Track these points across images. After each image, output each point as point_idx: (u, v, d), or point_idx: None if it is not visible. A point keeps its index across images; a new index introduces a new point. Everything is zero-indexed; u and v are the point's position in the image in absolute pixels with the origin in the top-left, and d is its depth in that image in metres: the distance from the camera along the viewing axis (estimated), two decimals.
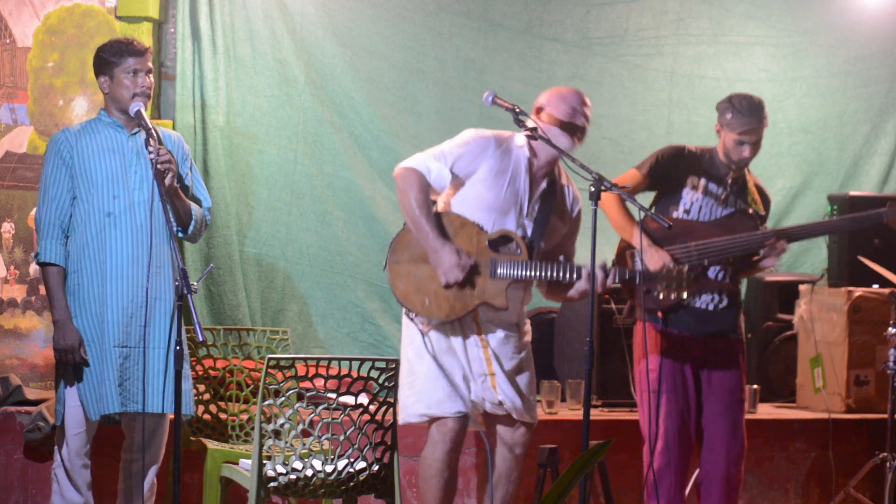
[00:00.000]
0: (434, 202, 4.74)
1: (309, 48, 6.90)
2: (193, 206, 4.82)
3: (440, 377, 4.61)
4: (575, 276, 4.67)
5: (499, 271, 4.63)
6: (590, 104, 4.79)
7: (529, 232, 4.72)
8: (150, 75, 4.76)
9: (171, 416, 4.80)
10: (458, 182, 4.70)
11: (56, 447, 4.76)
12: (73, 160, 4.70)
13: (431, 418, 4.65)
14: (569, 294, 4.81)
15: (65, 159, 4.70)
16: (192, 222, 4.80)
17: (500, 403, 4.68)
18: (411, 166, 4.67)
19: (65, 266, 4.69)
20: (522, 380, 4.76)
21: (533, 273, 4.65)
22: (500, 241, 4.68)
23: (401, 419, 4.69)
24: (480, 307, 4.65)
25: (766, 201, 5.30)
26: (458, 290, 4.61)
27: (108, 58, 4.73)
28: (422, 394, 4.64)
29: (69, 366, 4.66)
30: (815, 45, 7.68)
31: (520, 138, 4.76)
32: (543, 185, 4.77)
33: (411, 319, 4.67)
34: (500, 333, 4.73)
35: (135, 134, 4.77)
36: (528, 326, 4.93)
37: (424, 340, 4.63)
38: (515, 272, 4.63)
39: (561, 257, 4.91)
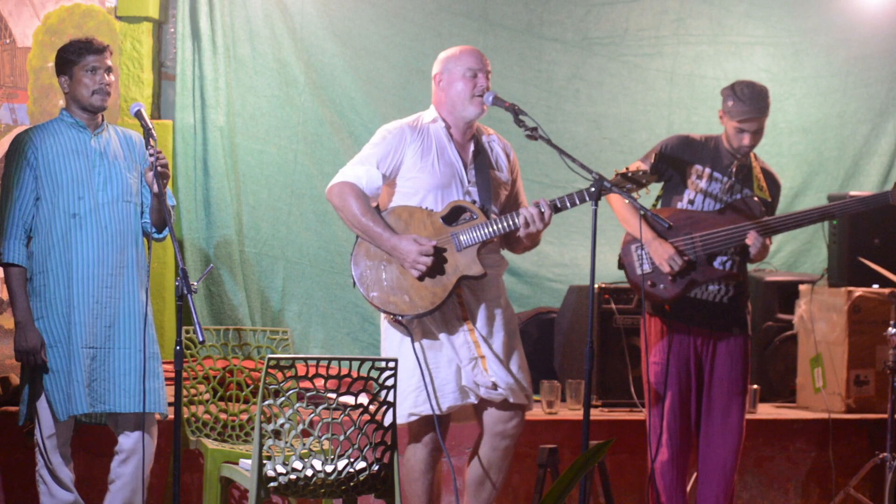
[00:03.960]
0: (377, 207, 4.73)
1: (309, 48, 6.90)
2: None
3: (425, 376, 4.61)
4: (514, 220, 4.62)
5: (463, 241, 4.63)
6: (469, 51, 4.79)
7: (476, 197, 4.71)
8: (110, 74, 4.77)
9: (158, 416, 4.85)
10: (391, 180, 4.71)
11: (36, 449, 4.77)
12: (38, 161, 4.70)
13: (420, 417, 4.64)
14: (519, 235, 4.72)
15: (28, 160, 4.70)
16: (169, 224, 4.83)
17: (495, 385, 4.66)
18: (340, 181, 4.68)
19: (27, 267, 4.70)
20: (513, 359, 4.74)
21: (495, 229, 4.63)
22: (453, 215, 4.67)
23: (388, 421, 4.69)
24: (461, 284, 4.64)
25: (774, 187, 5.29)
26: (433, 275, 4.60)
27: (69, 57, 4.75)
28: (408, 394, 4.64)
29: (34, 368, 4.68)
30: (815, 45, 7.68)
31: (429, 114, 4.79)
32: (472, 147, 4.78)
33: (399, 322, 4.65)
34: (484, 310, 4.70)
35: (98, 134, 4.79)
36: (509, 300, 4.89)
37: (413, 344, 4.63)
38: (478, 235, 4.62)
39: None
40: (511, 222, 4.63)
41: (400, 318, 4.63)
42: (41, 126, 4.82)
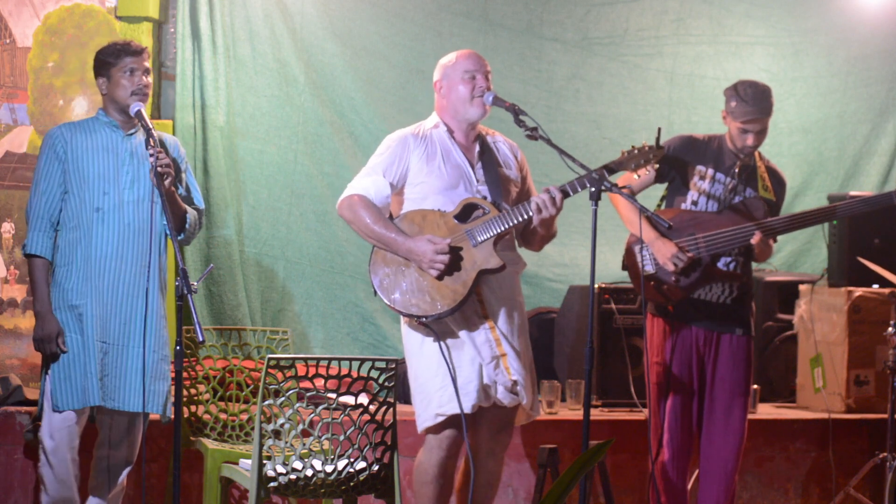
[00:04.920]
0: (389, 216, 4.73)
1: (309, 48, 6.90)
2: (189, 210, 4.85)
3: (448, 376, 4.60)
4: (526, 211, 4.63)
5: (478, 236, 4.63)
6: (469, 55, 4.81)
7: (488, 194, 4.72)
8: (148, 75, 4.80)
9: (156, 416, 4.84)
10: (399, 189, 4.73)
11: (40, 445, 4.77)
12: (67, 155, 4.74)
13: (446, 417, 4.63)
14: (534, 227, 4.74)
15: (58, 154, 4.74)
16: (186, 226, 4.83)
17: (515, 384, 4.65)
18: (349, 194, 4.71)
19: (51, 259, 4.73)
20: (529, 363, 4.75)
21: (510, 222, 4.63)
22: (466, 213, 4.67)
23: (419, 426, 4.67)
24: (481, 279, 4.64)
25: (779, 186, 5.29)
26: (452, 273, 4.60)
27: (106, 59, 4.79)
28: (433, 394, 4.62)
29: (49, 357, 4.69)
30: (815, 45, 7.68)
31: (430, 121, 4.83)
32: (477, 147, 4.80)
33: (423, 324, 4.63)
34: (504, 309, 4.71)
35: (131, 134, 4.81)
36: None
37: (439, 343, 4.61)
38: (493, 229, 4.63)
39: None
40: (524, 210, 4.63)
41: (423, 319, 4.62)
42: (75, 122, 4.87)
